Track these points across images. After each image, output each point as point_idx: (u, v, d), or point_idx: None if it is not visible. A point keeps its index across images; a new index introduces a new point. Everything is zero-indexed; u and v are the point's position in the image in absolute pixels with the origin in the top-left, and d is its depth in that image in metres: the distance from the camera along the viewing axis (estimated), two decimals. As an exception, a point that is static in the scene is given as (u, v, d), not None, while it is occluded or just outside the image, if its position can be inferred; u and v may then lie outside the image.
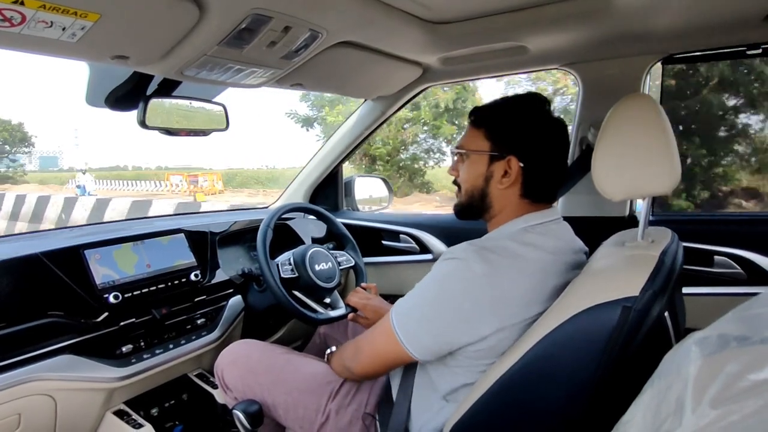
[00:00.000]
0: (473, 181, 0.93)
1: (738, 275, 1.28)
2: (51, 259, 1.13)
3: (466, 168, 0.94)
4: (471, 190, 0.93)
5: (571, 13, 1.09)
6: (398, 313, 0.88)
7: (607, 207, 1.43)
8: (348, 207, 2.08)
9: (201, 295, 1.40)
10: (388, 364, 0.93)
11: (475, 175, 0.92)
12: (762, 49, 1.23)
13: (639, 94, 1.29)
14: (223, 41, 0.95)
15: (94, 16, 0.76)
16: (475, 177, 0.92)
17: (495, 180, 0.90)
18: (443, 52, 1.36)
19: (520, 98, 0.93)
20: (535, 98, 0.91)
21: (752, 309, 0.46)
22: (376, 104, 1.77)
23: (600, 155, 0.83)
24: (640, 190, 0.81)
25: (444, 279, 0.84)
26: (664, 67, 1.40)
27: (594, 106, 1.44)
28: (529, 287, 0.81)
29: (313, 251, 1.43)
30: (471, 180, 0.93)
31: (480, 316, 0.79)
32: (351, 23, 1.06)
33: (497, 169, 0.89)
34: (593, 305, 0.69)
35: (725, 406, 0.34)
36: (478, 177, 0.92)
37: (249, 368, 1.15)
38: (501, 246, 0.84)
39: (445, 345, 0.83)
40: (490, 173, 0.90)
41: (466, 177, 0.94)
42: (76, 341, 1.11)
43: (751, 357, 0.38)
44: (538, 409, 0.75)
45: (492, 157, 0.89)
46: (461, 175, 0.96)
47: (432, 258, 1.73)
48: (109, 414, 1.18)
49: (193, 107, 1.30)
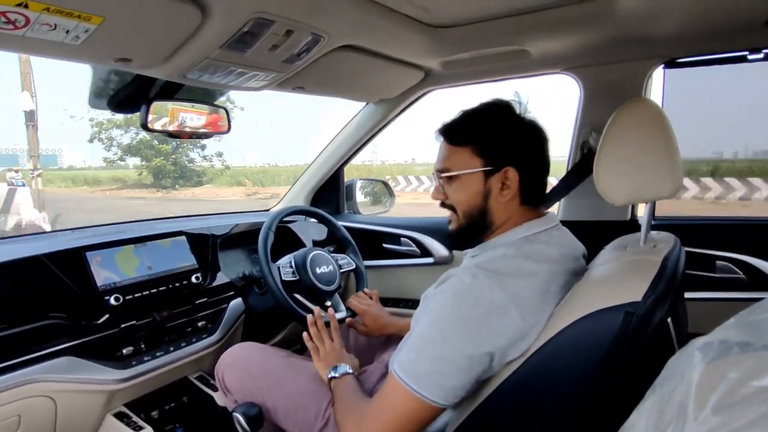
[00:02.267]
0: (470, 200, 0.88)
1: (740, 280, 1.28)
2: (52, 261, 1.13)
3: (458, 190, 0.89)
4: (470, 211, 0.89)
5: (572, 17, 1.09)
6: (409, 360, 0.79)
7: (608, 211, 1.43)
8: (349, 210, 2.08)
9: (202, 297, 1.40)
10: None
11: (472, 194, 0.88)
12: (763, 54, 1.23)
13: (642, 98, 1.29)
14: (225, 45, 0.95)
15: (98, 19, 0.76)
16: (472, 196, 0.88)
17: (494, 195, 0.86)
18: (445, 56, 1.37)
19: (491, 107, 0.89)
20: (503, 104, 0.89)
21: (755, 315, 0.46)
22: (378, 108, 1.78)
23: (602, 159, 0.83)
24: (643, 195, 0.81)
25: (461, 314, 0.77)
26: (666, 72, 1.40)
27: (595, 110, 1.44)
28: (541, 297, 0.79)
29: (314, 254, 1.43)
30: (467, 200, 0.89)
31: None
32: (352, 27, 1.06)
33: (494, 183, 0.86)
34: (596, 310, 0.69)
35: (728, 413, 0.34)
36: (475, 196, 0.88)
37: (249, 371, 1.14)
38: (513, 266, 0.80)
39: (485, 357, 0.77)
40: (487, 189, 0.87)
41: (461, 198, 0.89)
42: (77, 343, 1.11)
43: (753, 363, 0.37)
44: (541, 414, 0.75)
45: (487, 173, 0.86)
46: (452, 197, 0.91)
47: (433, 261, 1.73)
48: (110, 416, 1.18)
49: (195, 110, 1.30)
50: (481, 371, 0.77)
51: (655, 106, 0.82)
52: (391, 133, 1.91)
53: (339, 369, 1.03)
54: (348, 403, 0.92)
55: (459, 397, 0.77)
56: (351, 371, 1.03)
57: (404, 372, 0.78)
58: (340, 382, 0.99)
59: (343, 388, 0.97)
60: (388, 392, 0.81)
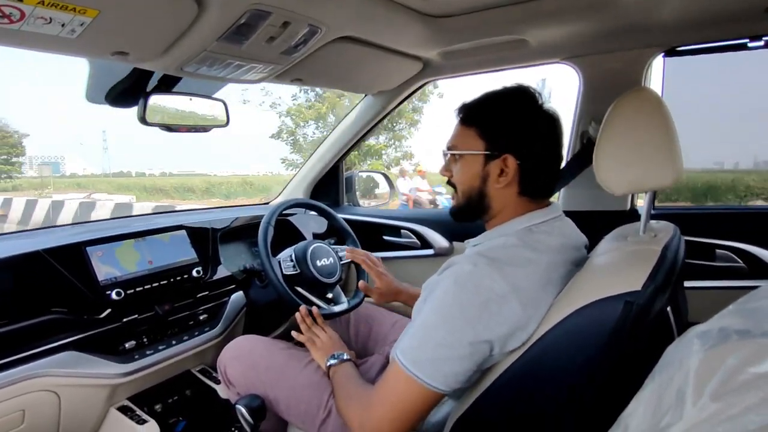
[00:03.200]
0: (469, 182, 0.90)
1: (739, 268, 1.28)
2: (53, 256, 1.13)
3: (461, 169, 0.91)
4: (468, 192, 0.90)
5: (571, 5, 1.08)
6: (412, 347, 0.80)
7: (608, 201, 1.43)
8: (349, 202, 2.08)
9: (203, 291, 1.41)
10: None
11: (471, 175, 0.89)
12: (764, 41, 1.22)
13: (642, 87, 1.28)
14: (223, 37, 0.94)
15: (93, 12, 0.76)
16: (471, 178, 0.89)
17: (492, 179, 0.87)
18: (443, 46, 1.36)
19: (509, 92, 0.89)
20: (525, 91, 0.88)
21: (753, 302, 0.46)
22: (377, 99, 1.77)
23: (602, 149, 0.83)
24: (643, 184, 0.80)
25: (462, 300, 0.77)
26: (666, 60, 1.40)
27: (595, 99, 1.44)
28: (541, 286, 0.80)
29: (314, 247, 1.43)
30: (467, 181, 0.90)
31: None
32: (350, 18, 1.06)
33: (493, 169, 0.86)
34: (596, 300, 0.69)
35: (726, 399, 0.34)
36: (474, 177, 0.89)
37: (251, 364, 1.15)
38: (513, 254, 0.81)
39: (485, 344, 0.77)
40: (486, 173, 0.87)
41: (462, 178, 0.91)
42: (79, 338, 1.11)
43: (751, 350, 0.38)
44: (541, 403, 0.75)
45: (487, 157, 0.86)
46: (456, 176, 0.92)
47: (433, 253, 1.73)
48: (113, 410, 1.19)
49: (194, 103, 1.30)
50: (482, 359, 0.78)
51: (655, 96, 0.82)
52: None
53: (337, 356, 1.04)
54: (348, 390, 0.93)
55: (460, 383, 0.78)
56: (349, 358, 1.03)
57: (406, 358, 0.79)
58: (339, 369, 1.00)
59: (342, 375, 0.98)
60: (390, 378, 0.82)
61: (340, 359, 1.03)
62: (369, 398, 0.84)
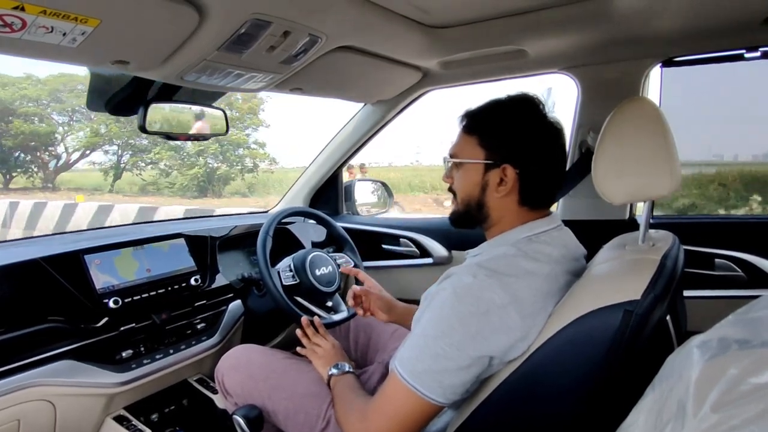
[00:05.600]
0: (469, 190, 0.89)
1: (739, 278, 1.28)
2: (51, 265, 1.12)
3: (461, 176, 0.91)
4: (467, 199, 0.90)
5: (570, 16, 1.09)
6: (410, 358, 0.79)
7: (607, 210, 1.43)
8: (348, 211, 2.08)
9: (201, 299, 1.40)
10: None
11: (471, 183, 0.89)
12: (761, 52, 1.24)
13: (640, 97, 1.29)
14: (223, 46, 0.95)
15: (95, 21, 0.76)
16: (471, 186, 0.89)
17: (491, 188, 0.86)
18: (443, 56, 1.37)
19: (513, 101, 0.88)
20: (528, 101, 0.88)
21: (752, 312, 0.46)
22: (376, 108, 1.78)
23: (600, 158, 0.83)
24: (641, 194, 0.81)
25: (461, 313, 0.76)
26: (663, 71, 1.41)
27: (593, 109, 1.44)
28: (541, 297, 0.79)
29: (312, 256, 1.43)
30: (466, 189, 0.90)
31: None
32: (350, 28, 1.06)
33: (492, 178, 0.86)
34: (595, 309, 0.69)
35: (727, 410, 0.34)
36: (473, 186, 0.88)
37: (249, 373, 1.14)
38: (513, 265, 0.80)
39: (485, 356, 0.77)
40: (485, 182, 0.87)
41: (462, 186, 0.91)
42: (76, 346, 1.11)
43: (752, 360, 0.37)
44: (540, 413, 0.75)
45: (487, 166, 0.86)
46: (456, 183, 0.93)
47: (432, 262, 1.73)
48: (109, 419, 1.17)
49: (193, 112, 1.30)
50: (481, 370, 0.77)
51: (653, 105, 0.82)
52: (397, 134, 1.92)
53: (339, 367, 1.03)
54: (349, 401, 0.92)
55: (458, 395, 0.77)
56: (351, 370, 1.03)
57: (404, 369, 0.78)
58: (340, 380, 0.99)
59: (344, 386, 0.97)
60: (388, 389, 0.81)
61: (342, 371, 1.02)
62: (368, 409, 0.84)
